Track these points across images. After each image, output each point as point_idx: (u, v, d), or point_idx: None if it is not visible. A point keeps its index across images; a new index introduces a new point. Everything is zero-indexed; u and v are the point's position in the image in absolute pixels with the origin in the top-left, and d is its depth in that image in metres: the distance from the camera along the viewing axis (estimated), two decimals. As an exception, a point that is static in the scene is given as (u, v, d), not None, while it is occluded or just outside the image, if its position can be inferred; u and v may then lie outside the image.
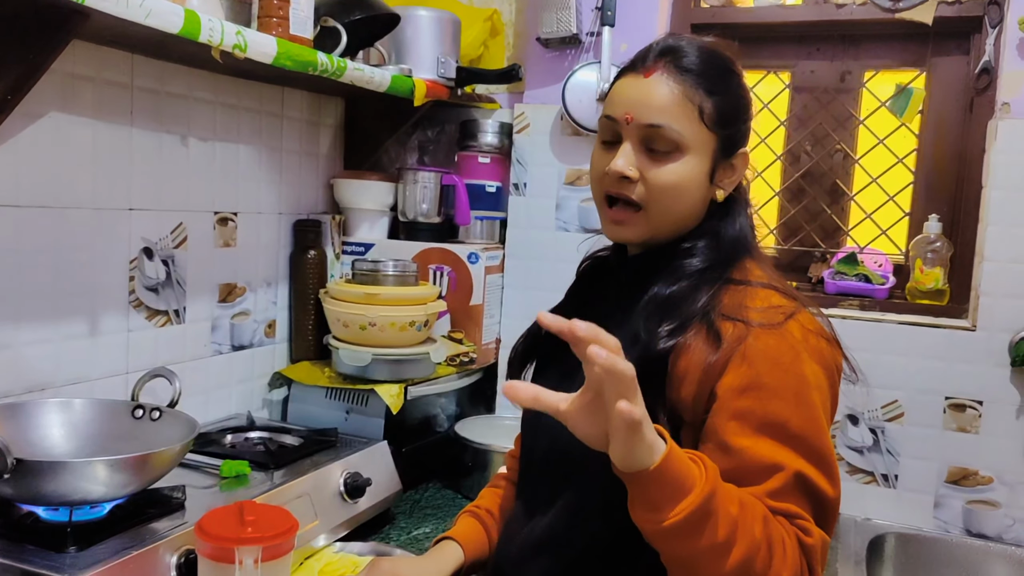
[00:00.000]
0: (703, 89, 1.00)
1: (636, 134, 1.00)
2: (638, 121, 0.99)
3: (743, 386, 0.91)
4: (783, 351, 0.93)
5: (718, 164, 1.03)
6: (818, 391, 0.93)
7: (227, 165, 1.70)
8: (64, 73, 1.34)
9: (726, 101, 1.02)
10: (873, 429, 1.80)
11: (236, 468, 1.37)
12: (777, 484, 0.88)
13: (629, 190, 1.01)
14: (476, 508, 1.22)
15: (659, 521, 0.82)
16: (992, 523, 1.73)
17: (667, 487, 0.81)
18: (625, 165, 1.00)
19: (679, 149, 0.99)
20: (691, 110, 0.99)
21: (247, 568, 0.96)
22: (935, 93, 1.89)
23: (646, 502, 0.83)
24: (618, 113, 1.01)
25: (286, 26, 1.47)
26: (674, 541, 0.83)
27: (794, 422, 0.90)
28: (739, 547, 0.83)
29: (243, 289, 1.78)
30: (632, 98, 1.01)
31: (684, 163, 1.00)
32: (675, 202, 1.01)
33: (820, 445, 0.91)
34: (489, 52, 2.10)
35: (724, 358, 0.92)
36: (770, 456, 0.89)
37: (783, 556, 0.85)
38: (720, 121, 1.01)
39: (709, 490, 0.82)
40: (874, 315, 1.81)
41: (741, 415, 0.90)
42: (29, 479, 1.03)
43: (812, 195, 2.00)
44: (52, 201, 1.36)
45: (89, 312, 1.44)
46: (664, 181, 0.99)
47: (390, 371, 1.73)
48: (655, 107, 0.99)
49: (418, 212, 2.00)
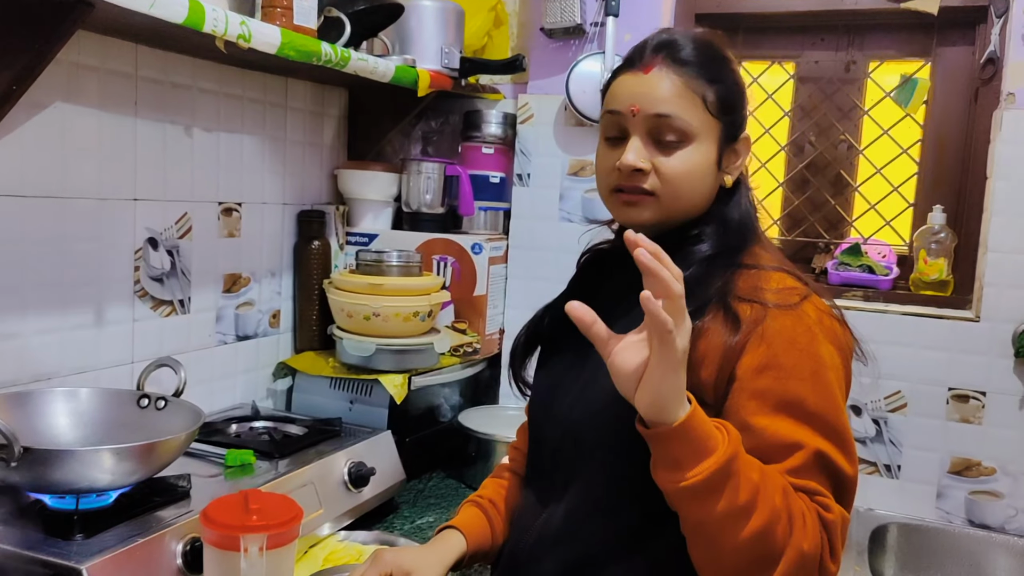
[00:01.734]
0: (704, 79, 1.01)
1: (643, 126, 1.01)
2: (645, 112, 1.00)
3: (761, 365, 0.92)
4: (800, 331, 0.94)
5: (724, 150, 1.04)
6: (833, 371, 0.94)
7: (231, 155, 1.71)
8: (69, 63, 1.34)
9: (726, 88, 1.03)
10: (876, 420, 1.80)
11: (241, 457, 1.38)
12: (797, 462, 0.90)
13: (642, 181, 1.01)
14: (479, 498, 1.22)
15: (680, 480, 0.83)
16: (995, 514, 1.73)
17: (690, 445, 0.83)
18: (636, 158, 1.00)
19: (687, 137, 1.00)
20: (695, 99, 1.00)
21: (252, 556, 0.97)
22: (940, 83, 1.88)
23: (669, 460, 0.84)
24: (623, 106, 1.02)
25: (290, 16, 1.47)
26: (694, 502, 0.85)
27: (811, 400, 0.91)
28: (759, 514, 0.84)
29: (247, 279, 1.78)
30: (635, 92, 1.01)
31: (693, 150, 1.01)
32: (687, 189, 1.02)
33: (838, 423, 0.92)
34: (493, 42, 2.10)
35: (743, 339, 0.94)
36: (789, 434, 0.90)
37: (803, 528, 0.86)
38: (723, 108, 1.02)
39: (732, 452, 0.83)
40: (878, 306, 1.81)
41: (760, 394, 0.92)
42: (36, 467, 1.04)
43: (816, 186, 2.00)
44: (57, 191, 1.36)
45: (94, 302, 1.44)
46: (676, 169, 1.00)
47: (394, 361, 1.73)
48: (660, 98, 1.00)
49: (422, 203, 2.00)
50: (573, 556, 1.01)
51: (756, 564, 0.86)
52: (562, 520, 1.03)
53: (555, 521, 1.04)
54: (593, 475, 1.01)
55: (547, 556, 1.03)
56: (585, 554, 1.00)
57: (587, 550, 1.00)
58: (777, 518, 0.85)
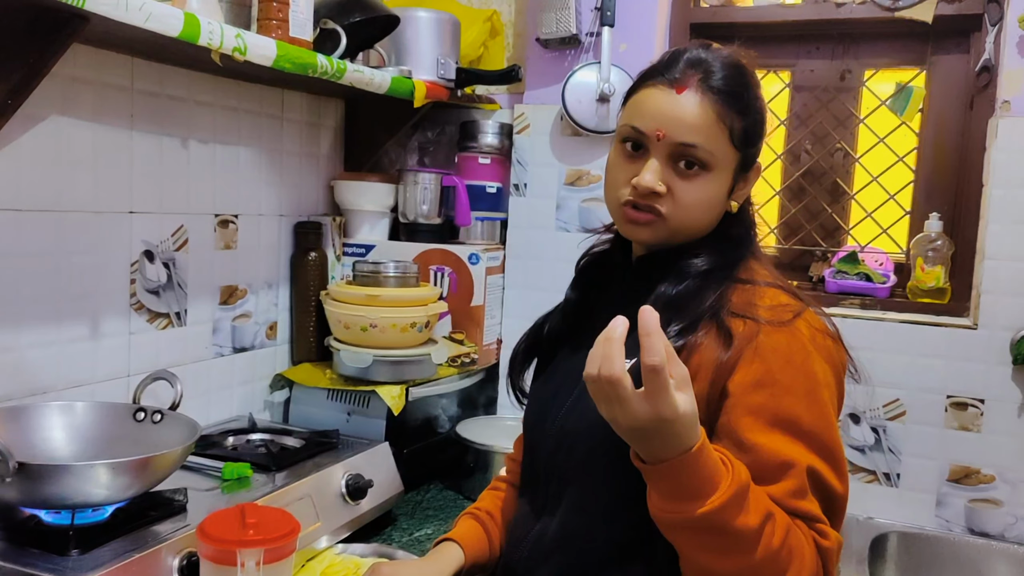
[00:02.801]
0: (734, 109, 0.99)
1: (665, 150, 0.99)
2: (671, 139, 0.98)
3: (755, 382, 0.92)
4: (794, 349, 0.94)
5: (737, 179, 1.04)
6: (827, 388, 0.94)
7: (227, 167, 1.71)
8: (64, 76, 1.34)
9: (752, 121, 1.02)
10: (875, 428, 1.79)
11: (238, 470, 1.37)
12: (794, 484, 0.89)
13: (656, 202, 1.00)
14: (476, 510, 1.22)
15: (688, 511, 0.82)
16: (994, 521, 1.73)
17: (701, 474, 0.82)
18: (654, 180, 0.99)
19: (707, 167, 0.99)
20: (723, 131, 0.99)
21: (249, 571, 0.97)
22: (935, 91, 1.89)
23: (676, 491, 0.83)
24: (649, 128, 0.99)
25: (285, 28, 1.48)
26: (687, 534, 0.84)
27: (806, 418, 0.91)
28: (755, 554, 0.83)
29: (244, 291, 1.78)
30: (665, 113, 0.99)
31: (710, 180, 1.00)
32: (698, 216, 1.02)
33: (831, 441, 0.92)
34: (489, 53, 2.10)
35: (736, 355, 0.93)
36: (783, 452, 0.90)
37: (800, 563, 0.86)
38: (747, 140, 1.01)
39: (730, 496, 0.82)
40: (875, 314, 1.81)
41: (755, 411, 0.91)
42: (31, 482, 1.03)
43: (812, 194, 2.00)
44: (53, 205, 1.36)
45: (90, 315, 1.44)
46: (692, 198, 1.00)
47: (391, 372, 1.73)
48: (689, 126, 0.98)
49: (419, 213, 2.00)
50: (567, 567, 1.01)
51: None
52: (556, 531, 1.03)
53: (549, 532, 1.04)
54: (586, 486, 1.01)
55: (541, 567, 1.03)
56: (579, 564, 1.00)
57: (581, 560, 1.00)
58: (775, 557, 0.84)
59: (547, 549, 1.03)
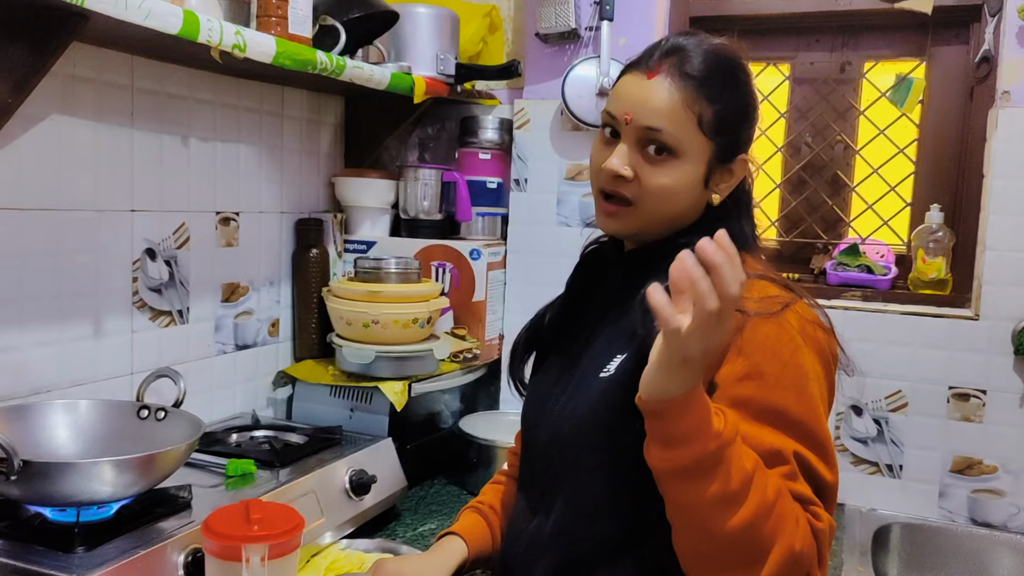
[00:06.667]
0: (704, 96, 0.98)
1: (634, 134, 1.00)
2: (636, 122, 0.99)
3: (742, 374, 0.91)
4: (783, 341, 0.93)
5: (714, 170, 1.02)
6: (815, 380, 0.94)
7: (228, 165, 1.71)
8: (65, 75, 1.34)
9: (727, 109, 1.00)
10: (877, 419, 1.80)
11: (242, 467, 1.38)
12: (786, 469, 0.89)
13: (623, 188, 1.01)
14: (479, 504, 1.23)
15: (671, 459, 0.82)
16: (997, 512, 1.73)
17: (687, 423, 0.82)
18: (620, 164, 1.00)
19: (674, 154, 0.99)
20: (690, 117, 0.98)
21: (254, 566, 0.97)
22: (935, 83, 1.88)
23: (665, 437, 0.83)
24: (619, 111, 1.01)
25: (285, 25, 1.47)
26: (684, 483, 0.83)
27: (794, 410, 0.91)
28: (749, 505, 0.82)
29: (246, 288, 1.78)
30: (634, 97, 1.00)
31: (677, 167, 0.99)
32: (666, 203, 1.01)
33: (818, 431, 0.92)
34: (488, 48, 2.10)
35: (722, 347, 0.92)
36: (771, 442, 0.89)
37: (795, 527, 0.85)
38: (718, 129, 1.00)
39: (728, 437, 0.82)
40: (877, 306, 1.81)
41: (742, 403, 0.91)
42: (36, 480, 1.04)
43: (813, 186, 2.00)
44: (54, 203, 1.36)
45: (93, 314, 1.44)
46: (656, 183, 0.99)
47: (394, 368, 1.73)
48: (653, 109, 0.98)
49: (419, 209, 2.00)
50: (563, 562, 1.01)
51: (743, 557, 0.84)
52: (551, 527, 1.03)
53: (544, 528, 1.04)
54: (579, 482, 1.01)
55: (538, 563, 1.04)
56: (574, 560, 1.01)
57: (576, 556, 1.00)
58: (767, 512, 0.83)
59: (543, 545, 1.04)
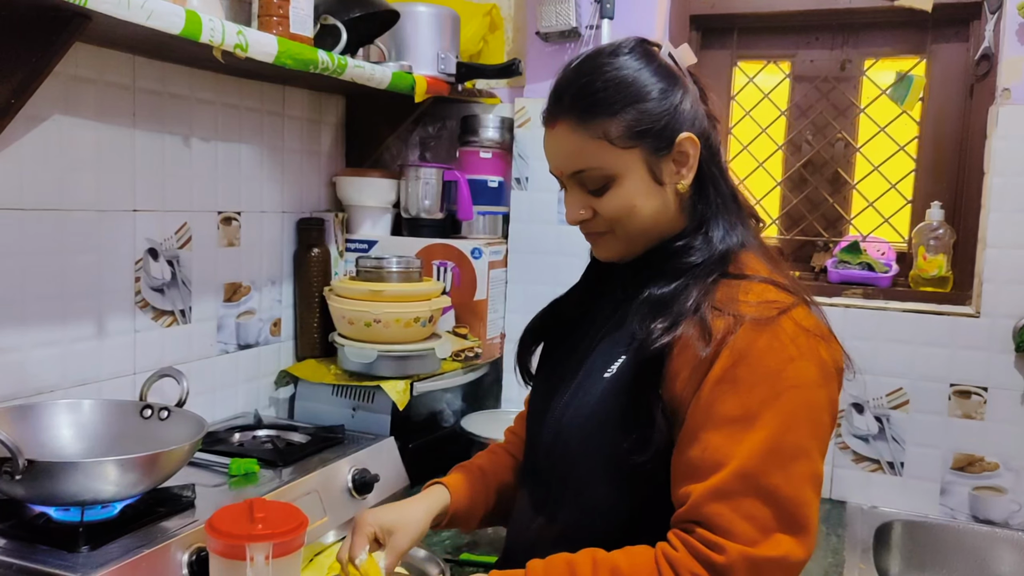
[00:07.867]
0: (599, 117, 0.97)
1: (570, 182, 1.04)
2: (564, 173, 1.03)
3: (720, 378, 0.90)
4: (774, 347, 0.90)
5: (657, 166, 1.00)
6: (801, 389, 0.90)
7: (230, 165, 1.71)
8: (67, 76, 1.35)
9: (625, 111, 0.97)
10: (878, 417, 1.80)
11: (245, 466, 1.38)
12: (718, 483, 0.87)
13: (591, 226, 1.05)
14: (470, 464, 1.24)
15: None
16: (998, 509, 1.73)
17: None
18: (574, 212, 1.04)
19: (611, 178, 1.00)
20: (599, 144, 0.98)
21: (258, 565, 0.97)
22: (935, 80, 1.88)
23: None
24: (551, 168, 1.06)
25: (286, 25, 1.48)
26: None
27: (764, 418, 0.88)
28: None
29: (248, 288, 1.79)
30: (550, 152, 1.04)
31: (621, 187, 1.00)
32: (634, 219, 1.01)
33: (786, 444, 0.88)
34: (489, 47, 2.10)
35: (714, 352, 0.91)
36: (722, 451, 0.88)
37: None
38: (631, 133, 0.98)
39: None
40: (878, 303, 1.81)
41: (712, 405, 0.90)
42: (41, 480, 1.04)
43: (814, 184, 2.00)
44: (56, 204, 1.36)
45: (96, 314, 1.44)
46: (612, 209, 1.01)
47: (396, 367, 1.73)
48: (566, 157, 1.02)
49: (421, 208, 2.00)
50: None
51: None
52: (554, 526, 1.04)
53: (548, 526, 1.05)
54: (581, 481, 1.01)
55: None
56: None
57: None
58: None
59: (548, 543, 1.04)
